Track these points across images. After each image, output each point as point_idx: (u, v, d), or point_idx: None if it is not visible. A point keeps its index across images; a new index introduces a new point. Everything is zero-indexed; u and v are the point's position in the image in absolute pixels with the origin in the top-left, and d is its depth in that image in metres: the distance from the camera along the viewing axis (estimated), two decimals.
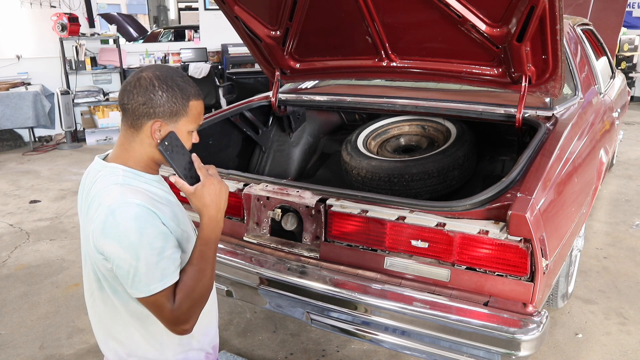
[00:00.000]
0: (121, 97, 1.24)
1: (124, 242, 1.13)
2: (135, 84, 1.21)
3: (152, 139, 1.23)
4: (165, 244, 1.17)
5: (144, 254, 1.14)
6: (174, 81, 1.23)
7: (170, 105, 1.21)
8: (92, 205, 1.21)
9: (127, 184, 1.21)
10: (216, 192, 1.24)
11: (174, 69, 1.28)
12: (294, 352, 2.52)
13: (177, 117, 1.23)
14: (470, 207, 1.82)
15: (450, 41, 2.32)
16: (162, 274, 1.16)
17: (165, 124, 1.22)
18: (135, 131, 1.23)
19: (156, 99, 1.20)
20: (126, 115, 1.23)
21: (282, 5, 2.49)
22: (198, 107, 1.27)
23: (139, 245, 1.13)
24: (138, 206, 1.16)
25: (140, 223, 1.14)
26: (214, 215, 1.24)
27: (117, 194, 1.17)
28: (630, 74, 8.25)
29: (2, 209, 4.43)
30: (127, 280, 1.16)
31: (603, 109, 3.01)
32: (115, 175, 1.23)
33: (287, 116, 3.22)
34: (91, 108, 6.91)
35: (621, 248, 3.53)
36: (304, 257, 2.10)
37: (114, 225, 1.13)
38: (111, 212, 1.14)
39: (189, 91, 1.25)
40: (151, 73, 1.22)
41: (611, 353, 2.49)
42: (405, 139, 3.07)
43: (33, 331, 2.72)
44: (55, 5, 6.64)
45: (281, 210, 2.13)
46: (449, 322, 1.75)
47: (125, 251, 1.13)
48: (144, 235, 1.14)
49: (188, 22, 9.91)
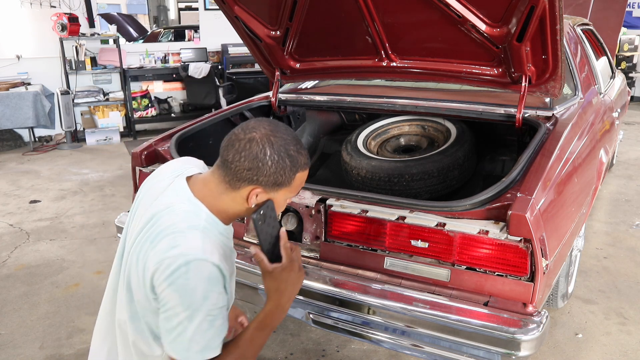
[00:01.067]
0: (226, 150, 1.16)
1: (186, 300, 1.08)
2: (246, 146, 1.13)
3: (247, 203, 1.17)
4: (220, 313, 1.13)
5: (198, 319, 1.09)
6: (286, 150, 1.14)
7: (277, 177, 1.14)
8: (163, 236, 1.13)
9: (207, 233, 1.15)
10: (293, 280, 1.19)
11: (289, 132, 1.19)
12: (294, 352, 2.52)
13: (279, 187, 1.17)
14: (470, 207, 1.82)
15: (450, 41, 2.32)
16: (206, 345, 1.11)
17: (265, 191, 1.16)
18: (231, 189, 1.16)
19: (264, 168, 1.12)
20: (226, 171, 1.15)
21: (282, 5, 2.49)
22: (303, 177, 1.21)
23: (199, 308, 1.09)
24: (213, 266, 1.10)
25: (209, 286, 1.09)
26: (282, 305, 1.19)
27: (198, 246, 1.11)
28: (630, 74, 8.25)
29: (2, 209, 4.43)
30: (169, 335, 1.11)
31: (603, 109, 3.01)
32: (198, 218, 1.16)
33: (287, 116, 3.22)
34: (91, 108, 6.92)
35: (621, 248, 3.53)
36: (304, 257, 2.10)
37: (185, 279, 1.08)
38: (186, 263, 1.08)
39: (299, 162, 1.17)
40: (265, 137, 1.13)
41: (611, 353, 2.49)
42: (405, 139, 3.07)
43: (33, 331, 2.72)
44: (55, 5, 6.64)
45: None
46: (449, 322, 1.75)
47: (183, 308, 1.08)
48: (207, 299, 1.09)
49: (188, 22, 9.90)
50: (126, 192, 4.77)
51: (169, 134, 2.64)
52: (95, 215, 4.25)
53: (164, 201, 1.19)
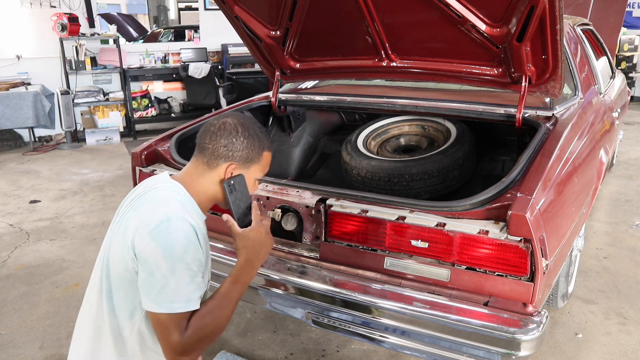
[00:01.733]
0: (202, 137, 1.31)
1: (168, 251, 1.15)
2: (220, 127, 1.30)
3: (224, 178, 1.30)
4: (199, 271, 1.20)
5: (180, 271, 1.15)
6: (254, 130, 1.33)
7: (248, 152, 1.31)
8: (144, 205, 1.23)
9: (186, 205, 1.25)
10: (261, 240, 1.30)
11: (253, 120, 1.38)
12: (294, 352, 2.52)
13: (250, 163, 1.33)
14: (470, 207, 1.82)
15: (450, 41, 2.32)
16: (189, 297, 1.16)
17: (238, 167, 1.31)
18: (208, 169, 1.30)
19: (237, 143, 1.29)
20: (204, 153, 1.31)
21: (282, 5, 2.49)
22: (268, 157, 1.38)
23: (180, 260, 1.15)
24: (192, 227, 1.20)
25: (188, 241, 1.17)
26: (252, 260, 1.28)
27: (178, 208, 1.22)
28: (630, 74, 8.25)
29: (2, 209, 4.43)
30: (152, 290, 1.16)
31: (603, 109, 3.01)
32: (177, 193, 1.27)
33: (287, 116, 3.22)
34: (91, 108, 6.92)
35: (621, 248, 3.53)
36: (304, 257, 2.10)
37: (167, 232, 1.16)
38: (167, 219, 1.17)
39: (265, 142, 1.35)
40: (236, 120, 1.32)
41: (611, 353, 2.49)
42: (405, 139, 3.07)
43: (33, 331, 2.72)
44: (55, 5, 6.64)
45: (281, 210, 2.13)
46: (449, 322, 1.75)
47: (165, 260, 1.15)
48: (188, 253, 1.16)
49: (188, 22, 9.90)
50: (126, 192, 4.72)
51: (169, 134, 2.64)
52: (95, 215, 4.25)
53: (148, 184, 1.32)
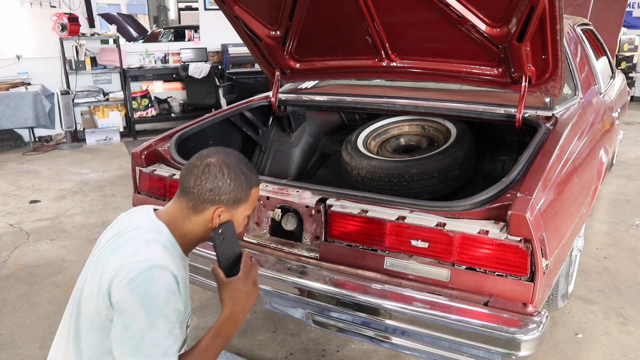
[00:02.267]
0: (186, 179, 1.24)
1: (147, 305, 1.10)
2: (204, 170, 1.23)
3: (212, 223, 1.24)
4: (177, 321, 1.15)
5: (159, 324, 1.10)
6: (240, 169, 1.26)
7: (236, 193, 1.25)
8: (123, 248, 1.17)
9: (168, 249, 1.20)
10: (247, 292, 1.26)
11: (239, 155, 1.31)
12: (294, 352, 2.52)
13: (238, 204, 1.26)
14: (470, 207, 1.82)
15: (450, 41, 2.32)
16: (166, 351, 1.12)
17: (226, 210, 1.25)
18: (194, 213, 1.24)
19: (224, 187, 1.23)
20: (189, 197, 1.24)
21: (282, 5, 2.49)
22: (256, 193, 1.32)
23: (160, 313, 1.11)
24: (172, 276, 1.15)
25: (169, 293, 1.13)
26: (236, 314, 1.24)
27: (160, 254, 1.16)
28: (630, 74, 8.25)
29: (2, 209, 4.43)
30: (128, 343, 1.11)
31: (603, 109, 3.01)
32: (161, 235, 1.22)
33: (287, 116, 3.22)
34: (91, 108, 6.92)
35: (621, 248, 3.53)
36: (304, 257, 2.10)
37: (147, 283, 1.11)
38: (149, 268, 1.12)
39: (253, 179, 1.29)
40: (220, 160, 1.24)
41: (611, 353, 2.49)
42: (405, 139, 3.07)
43: (33, 331, 2.72)
44: (55, 5, 6.64)
45: (281, 210, 2.13)
46: (449, 322, 1.75)
47: (144, 314, 1.10)
48: (168, 305, 1.12)
49: (188, 22, 9.90)
50: (126, 192, 4.77)
51: (169, 134, 2.64)
52: (95, 215, 4.25)
53: (130, 221, 1.26)
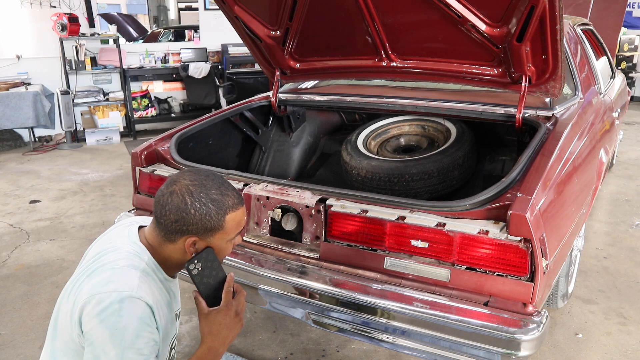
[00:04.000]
0: (155, 208, 1.18)
1: (117, 338, 1.05)
2: (168, 199, 1.15)
3: (187, 253, 1.18)
4: (151, 354, 1.10)
5: (129, 357, 1.06)
6: (208, 195, 1.15)
7: (205, 223, 1.15)
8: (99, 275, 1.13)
9: (147, 275, 1.15)
10: (228, 325, 1.18)
11: (210, 177, 1.20)
12: (294, 352, 2.52)
13: (212, 232, 1.17)
14: (470, 207, 1.82)
15: (450, 41, 2.32)
16: None
17: (200, 239, 1.17)
18: (168, 242, 1.18)
19: (189, 217, 1.14)
20: (159, 227, 1.18)
21: (282, 5, 2.49)
22: (236, 217, 1.20)
23: (130, 346, 1.06)
24: (146, 307, 1.10)
25: (141, 326, 1.08)
26: (216, 348, 1.18)
27: (134, 284, 1.11)
28: (630, 74, 8.25)
29: (2, 209, 4.43)
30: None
31: (603, 109, 3.01)
32: (140, 260, 1.17)
33: (287, 116, 3.22)
34: (91, 108, 6.92)
35: (621, 248, 3.53)
36: (304, 257, 2.10)
37: (117, 316, 1.06)
38: (120, 300, 1.07)
39: (226, 204, 1.17)
40: (184, 188, 1.15)
41: (611, 353, 2.49)
42: (405, 139, 3.07)
43: (33, 331, 2.72)
44: (55, 5, 6.64)
45: (281, 210, 2.13)
46: (449, 322, 1.75)
47: (113, 347, 1.05)
48: (138, 338, 1.07)
49: (188, 22, 9.90)
50: (126, 192, 4.77)
51: (169, 134, 2.64)
52: (95, 215, 4.25)
53: (112, 242, 1.21)
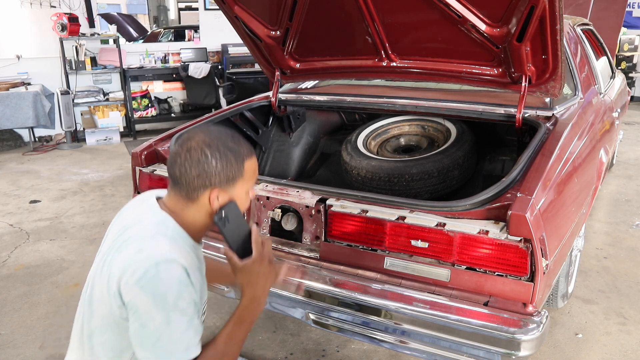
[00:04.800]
0: (172, 170, 1.18)
1: (160, 302, 1.07)
2: (186, 156, 1.16)
3: (211, 207, 1.18)
4: (195, 312, 1.12)
5: (175, 319, 1.07)
6: (225, 145, 1.18)
7: (227, 172, 1.17)
8: (128, 246, 1.14)
9: (175, 241, 1.15)
10: (264, 273, 1.19)
11: (222, 130, 1.23)
12: (294, 352, 2.52)
13: (233, 181, 1.19)
14: (470, 207, 1.82)
15: (450, 41, 2.32)
16: (188, 344, 1.09)
17: (223, 190, 1.18)
18: (191, 202, 1.19)
19: (210, 169, 1.15)
20: (180, 187, 1.18)
21: (282, 5, 2.49)
22: (253, 165, 1.24)
23: (174, 308, 1.07)
24: (182, 269, 1.10)
25: (181, 287, 1.09)
26: (258, 296, 1.19)
27: (166, 248, 1.11)
28: (630, 74, 8.25)
29: (2, 209, 4.43)
30: (147, 342, 1.08)
31: (603, 109, 3.01)
32: (166, 227, 1.17)
33: (287, 116, 3.21)
34: (91, 108, 6.92)
35: (621, 248, 3.53)
36: (304, 257, 2.10)
37: (156, 281, 1.07)
38: (155, 265, 1.08)
39: (242, 152, 1.21)
40: (200, 141, 1.16)
41: (611, 353, 2.49)
42: (405, 139, 3.07)
43: (33, 331, 2.72)
44: (55, 5, 6.64)
45: (281, 210, 2.13)
46: (449, 322, 1.75)
47: (157, 311, 1.06)
48: (181, 299, 1.08)
49: (188, 22, 9.91)
50: (126, 192, 4.77)
51: (169, 134, 2.64)
52: (95, 215, 4.25)
53: (135, 215, 1.22)
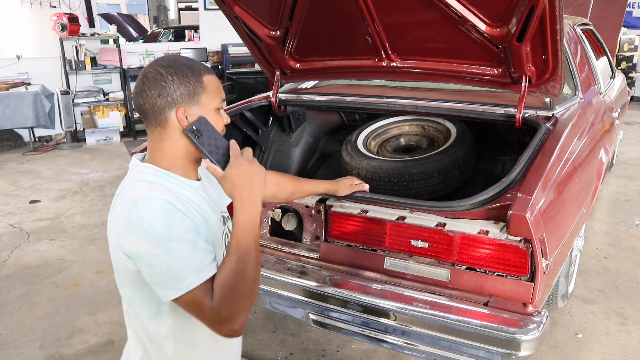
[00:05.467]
0: (136, 100, 1.18)
1: (152, 237, 1.05)
2: (144, 81, 1.16)
3: (182, 127, 1.16)
4: (197, 237, 1.09)
5: (175, 247, 1.05)
6: (179, 63, 1.18)
7: (186, 86, 1.15)
8: (116, 202, 1.15)
9: (157, 182, 1.14)
10: (246, 172, 1.14)
11: (176, 55, 1.24)
12: (294, 352, 2.52)
13: (197, 96, 1.17)
14: (470, 207, 1.82)
15: (450, 41, 2.32)
16: (199, 266, 1.06)
17: (188, 107, 1.16)
18: (162, 128, 1.17)
19: (168, 84, 1.14)
20: (147, 116, 1.17)
21: (282, 5, 2.49)
22: (213, 81, 1.21)
23: (169, 238, 1.05)
24: (164, 201, 1.08)
25: (167, 216, 1.06)
26: (247, 197, 1.13)
27: (143, 189, 1.10)
28: (630, 74, 8.25)
29: (2, 209, 4.43)
30: (160, 279, 1.07)
31: (603, 109, 3.01)
32: (145, 174, 1.16)
33: (287, 116, 3.21)
34: (91, 108, 6.92)
35: (621, 248, 3.53)
36: (304, 257, 2.10)
37: (139, 219, 1.06)
38: (135, 205, 1.07)
39: (198, 67, 1.19)
40: (154, 65, 1.17)
41: (611, 353, 2.49)
42: (405, 139, 3.07)
43: (33, 331, 2.72)
44: (55, 5, 6.64)
45: (281, 210, 2.13)
46: (449, 322, 1.75)
47: (154, 246, 1.05)
48: (172, 228, 1.06)
49: (188, 22, 9.91)
50: None
51: None
52: (95, 215, 4.26)
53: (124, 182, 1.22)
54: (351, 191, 1.97)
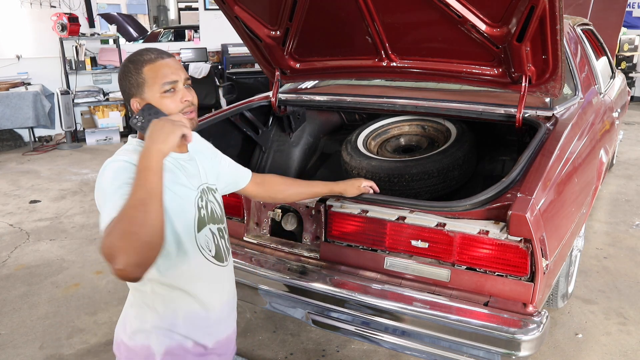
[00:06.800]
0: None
1: (100, 188, 1.19)
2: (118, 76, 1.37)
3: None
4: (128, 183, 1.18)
5: (110, 194, 1.15)
6: (129, 60, 1.33)
7: (129, 81, 1.31)
8: None
9: (131, 150, 1.27)
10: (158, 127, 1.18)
11: (140, 49, 1.37)
12: (294, 352, 2.52)
13: (141, 87, 1.31)
14: (470, 207, 1.82)
15: (450, 41, 2.32)
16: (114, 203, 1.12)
17: (140, 98, 1.31)
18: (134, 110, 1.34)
19: (124, 81, 1.32)
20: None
21: (282, 5, 2.49)
22: (154, 68, 1.31)
23: (110, 187, 1.16)
24: (124, 162, 1.20)
25: (117, 171, 1.19)
26: (149, 146, 1.17)
27: (119, 155, 1.24)
28: (630, 74, 8.25)
29: (2, 209, 4.43)
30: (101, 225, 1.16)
31: (603, 109, 3.01)
32: (128, 144, 1.32)
33: (287, 116, 3.21)
34: (91, 108, 6.92)
35: (621, 248, 3.53)
36: (304, 257, 2.10)
37: (100, 177, 1.20)
38: (103, 167, 1.22)
39: (142, 60, 1.31)
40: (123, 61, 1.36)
41: (611, 353, 2.49)
42: (405, 139, 3.07)
43: (33, 331, 2.72)
44: (55, 5, 6.64)
45: (281, 210, 2.13)
46: (449, 322, 1.75)
47: (99, 195, 1.18)
48: (115, 179, 1.17)
49: (188, 22, 9.91)
50: None
51: None
52: (95, 215, 4.25)
53: None
54: (359, 192, 1.96)
